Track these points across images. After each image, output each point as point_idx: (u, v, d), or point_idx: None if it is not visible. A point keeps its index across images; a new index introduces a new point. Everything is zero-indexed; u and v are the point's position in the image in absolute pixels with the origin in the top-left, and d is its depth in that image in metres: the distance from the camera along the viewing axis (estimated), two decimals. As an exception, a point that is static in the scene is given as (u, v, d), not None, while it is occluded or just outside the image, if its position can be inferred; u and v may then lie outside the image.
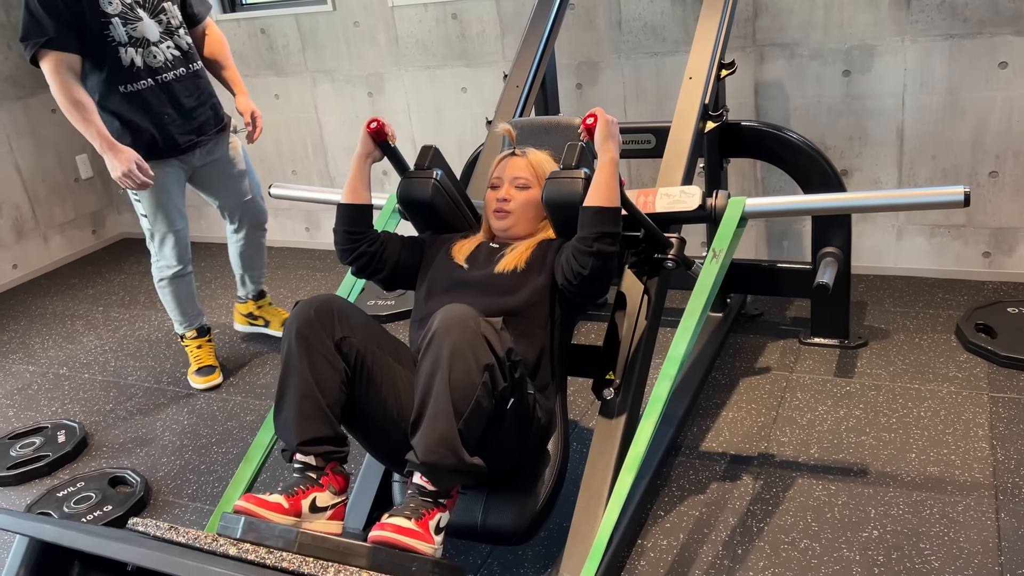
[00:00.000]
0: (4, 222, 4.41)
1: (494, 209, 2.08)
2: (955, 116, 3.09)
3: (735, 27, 3.26)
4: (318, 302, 1.83)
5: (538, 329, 1.94)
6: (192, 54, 2.91)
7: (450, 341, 1.65)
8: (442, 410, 1.63)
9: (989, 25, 2.95)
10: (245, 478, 2.07)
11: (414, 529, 1.60)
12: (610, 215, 1.85)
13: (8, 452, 2.82)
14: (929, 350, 2.84)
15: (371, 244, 2.09)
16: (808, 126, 3.29)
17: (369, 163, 2.10)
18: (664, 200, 2.16)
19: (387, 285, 2.15)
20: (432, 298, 2.03)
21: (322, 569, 1.37)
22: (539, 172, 2.07)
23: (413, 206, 2.18)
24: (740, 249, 3.54)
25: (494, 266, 2.00)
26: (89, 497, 2.53)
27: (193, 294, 3.17)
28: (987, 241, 3.22)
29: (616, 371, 2.07)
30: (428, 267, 2.10)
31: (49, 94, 2.75)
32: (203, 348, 3.24)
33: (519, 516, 1.87)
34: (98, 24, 2.67)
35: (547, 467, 1.94)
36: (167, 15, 2.81)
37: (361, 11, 3.88)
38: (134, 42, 2.74)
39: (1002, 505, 2.12)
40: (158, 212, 2.94)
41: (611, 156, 1.86)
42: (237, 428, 2.88)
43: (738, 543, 2.10)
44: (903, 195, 2.22)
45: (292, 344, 1.79)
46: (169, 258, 3.03)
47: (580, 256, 1.86)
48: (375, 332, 1.88)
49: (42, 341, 3.75)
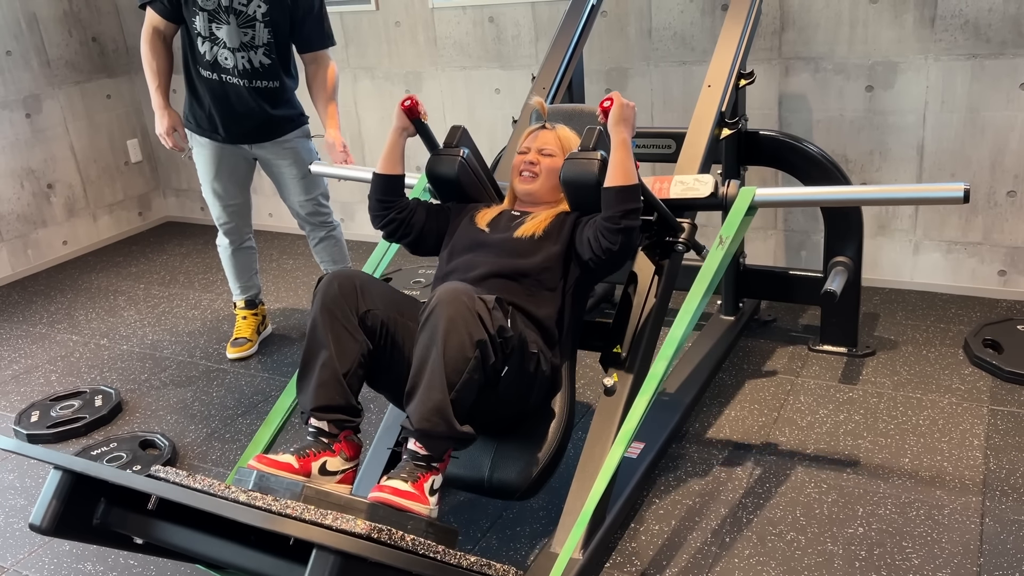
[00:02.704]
0: (57, 200, 4.63)
1: (520, 171, 2.22)
2: (975, 135, 3.14)
3: (762, 39, 3.34)
4: (342, 277, 1.96)
5: (548, 292, 2.07)
6: (263, 73, 3.00)
7: (446, 317, 1.76)
8: (436, 381, 1.75)
9: (1011, 46, 2.99)
10: (263, 441, 2.21)
11: (410, 491, 1.72)
12: (631, 193, 1.98)
13: (49, 412, 3.01)
14: (935, 362, 2.89)
15: (400, 211, 2.26)
16: (830, 139, 3.36)
17: (403, 137, 2.27)
18: (678, 187, 2.29)
19: (414, 249, 2.32)
20: (454, 258, 2.17)
21: (321, 516, 1.49)
22: (566, 146, 2.21)
23: (440, 181, 2.33)
24: (757, 256, 3.62)
25: (513, 231, 2.13)
26: (120, 456, 2.70)
27: (245, 267, 3.38)
28: (1003, 259, 3.26)
29: (624, 345, 2.19)
30: (452, 232, 2.25)
31: (104, 80, 2.98)
32: (246, 320, 3.44)
33: (524, 472, 1.99)
34: (190, 12, 2.93)
35: (552, 426, 2.05)
36: (254, 32, 2.95)
37: (402, 11, 4.03)
38: (212, 39, 2.94)
39: (988, 511, 2.17)
40: (206, 183, 3.21)
41: (622, 138, 1.98)
42: (262, 402, 3.03)
43: (727, 532, 2.18)
44: (905, 190, 2.28)
45: (317, 316, 1.92)
46: (219, 228, 3.31)
47: (609, 234, 1.98)
48: (396, 300, 2.01)
49: (86, 313, 3.94)
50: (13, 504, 2.56)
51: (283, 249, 4.58)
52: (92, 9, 4.71)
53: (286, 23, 2.98)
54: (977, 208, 3.23)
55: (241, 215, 3.28)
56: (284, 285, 4.08)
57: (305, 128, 3.21)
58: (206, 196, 3.25)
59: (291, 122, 3.15)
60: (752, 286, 3.21)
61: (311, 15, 3.02)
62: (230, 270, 3.39)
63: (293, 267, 4.31)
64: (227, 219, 3.26)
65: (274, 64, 3.02)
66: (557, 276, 2.08)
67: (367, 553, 1.40)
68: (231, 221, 3.27)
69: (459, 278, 2.09)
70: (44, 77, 4.50)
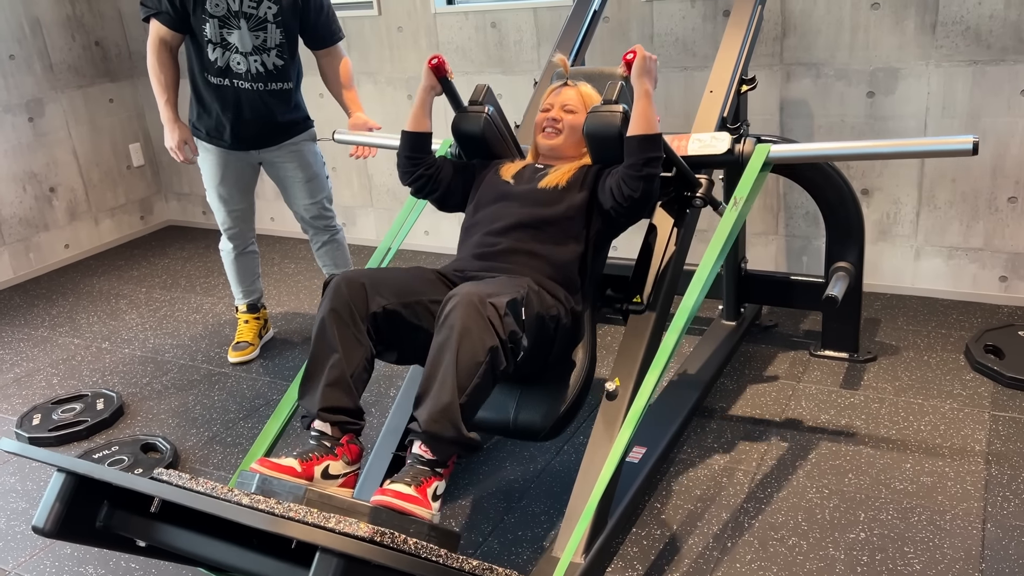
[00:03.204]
0: (59, 204, 4.64)
1: (543, 127, 2.29)
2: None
3: (763, 45, 3.35)
4: (349, 279, 1.96)
5: (571, 240, 2.15)
6: (277, 75, 3.02)
7: (460, 323, 1.78)
8: (447, 384, 1.76)
9: (1012, 52, 3.00)
10: (264, 444, 2.21)
11: (413, 495, 1.72)
12: (653, 141, 2.04)
13: (51, 416, 3.01)
14: (936, 368, 2.89)
15: (428, 168, 2.33)
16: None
17: (431, 96, 2.33)
18: (695, 144, 2.36)
19: (441, 204, 2.39)
20: (480, 209, 2.26)
21: (324, 519, 1.49)
22: (587, 103, 2.28)
23: (466, 138, 2.38)
24: (759, 261, 3.63)
25: (537, 182, 2.21)
26: (122, 460, 2.70)
27: (247, 272, 3.39)
28: (1004, 265, 3.26)
29: (644, 295, 2.26)
30: (478, 186, 2.32)
31: (107, 84, 2.97)
32: (248, 324, 3.45)
33: (548, 413, 2.07)
34: (199, 19, 2.92)
35: (574, 372, 2.13)
36: (266, 34, 2.96)
37: (405, 17, 4.04)
38: (224, 45, 2.95)
39: (989, 516, 2.18)
40: (212, 190, 3.21)
41: (645, 89, 2.04)
42: (264, 406, 3.03)
43: (728, 537, 2.18)
44: (916, 143, 2.34)
45: (326, 319, 1.93)
46: (223, 233, 3.31)
47: (631, 181, 2.05)
48: (406, 284, 2.01)
49: (88, 317, 3.95)
50: (15, 507, 2.56)
51: (285, 253, 4.59)
52: (95, 14, 4.72)
53: (296, 23, 3.01)
54: (978, 214, 3.24)
55: (245, 220, 3.28)
56: (286, 289, 4.08)
57: (312, 132, 3.23)
58: (211, 201, 3.25)
59: (298, 125, 3.16)
60: (753, 291, 3.21)
61: (322, 13, 3.06)
62: (233, 275, 3.39)
63: (295, 271, 4.31)
64: (231, 224, 3.26)
65: (287, 65, 3.04)
66: (580, 225, 2.16)
67: (370, 556, 1.41)
68: (235, 226, 3.27)
69: (485, 229, 2.19)
70: (47, 81, 4.51)
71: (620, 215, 2.13)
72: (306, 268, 4.33)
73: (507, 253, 2.14)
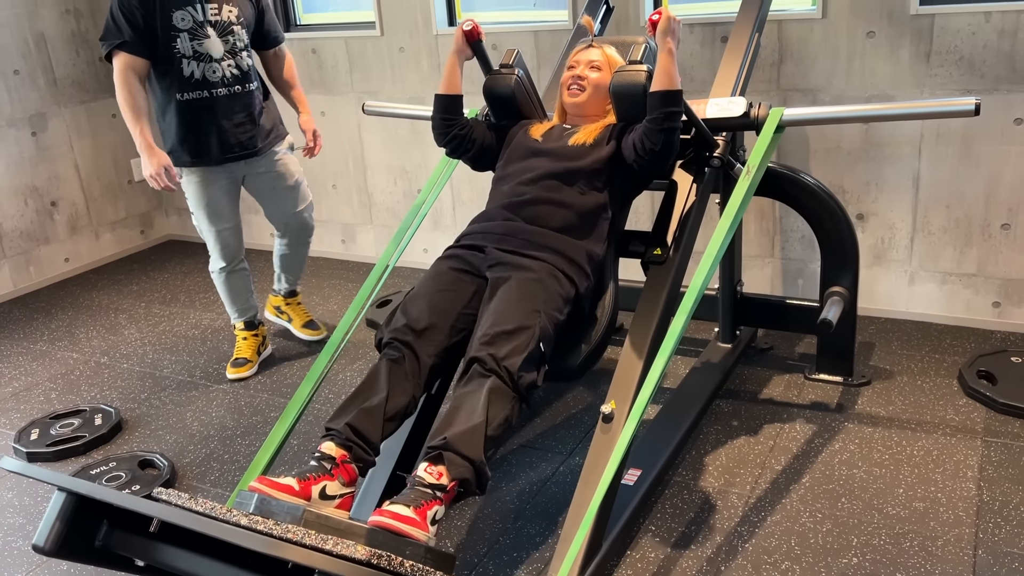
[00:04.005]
0: (60, 217, 4.67)
1: (569, 85, 2.43)
2: (970, 167, 3.19)
3: (761, 71, 3.39)
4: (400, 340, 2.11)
5: (595, 191, 2.31)
6: (250, 75, 3.14)
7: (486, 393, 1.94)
8: (476, 415, 1.89)
9: (1005, 82, 3.05)
10: (262, 463, 2.22)
11: (412, 517, 1.74)
12: (674, 97, 2.19)
13: (48, 431, 3.02)
14: (930, 392, 2.92)
15: (462, 128, 2.49)
16: (827, 169, 3.40)
17: (462, 59, 2.48)
18: (713, 108, 2.51)
19: (474, 163, 2.56)
20: (511, 164, 2.42)
21: (322, 541, 1.51)
22: (611, 62, 2.44)
23: (497, 99, 2.53)
24: (755, 284, 3.65)
25: (567, 140, 2.37)
26: (119, 476, 2.71)
27: (242, 289, 3.40)
28: (997, 291, 3.29)
29: (664, 248, 2.40)
30: (508, 143, 2.49)
31: (110, 99, 3.01)
32: (247, 341, 3.46)
33: (574, 354, 2.27)
34: (168, 36, 2.94)
35: (599, 316, 2.34)
36: (234, 37, 3.06)
37: (407, 38, 4.08)
38: (198, 56, 2.99)
39: (981, 543, 2.19)
40: (200, 212, 3.20)
41: (668, 47, 2.16)
42: (262, 423, 3.05)
43: (722, 560, 2.20)
44: (920, 105, 2.53)
45: (383, 368, 2.08)
46: (215, 255, 3.31)
47: (652, 134, 2.21)
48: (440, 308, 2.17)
49: (87, 331, 3.96)
50: (12, 523, 2.57)
51: (284, 269, 4.61)
52: (99, 30, 4.75)
53: (254, 22, 3.16)
54: (972, 240, 3.27)
55: (236, 237, 3.31)
56: (284, 306, 4.10)
57: (289, 138, 3.34)
58: (199, 224, 3.25)
59: (275, 131, 3.26)
60: (749, 314, 3.24)
61: (268, 11, 3.22)
62: (227, 294, 3.40)
63: (293, 288, 4.33)
64: (223, 243, 3.27)
65: (253, 64, 3.18)
66: (605, 177, 2.31)
67: (367, 579, 1.42)
68: (227, 245, 3.28)
69: (516, 180, 2.35)
70: (51, 96, 4.55)
71: (642, 168, 2.28)
72: (306, 284, 4.35)
73: (535, 203, 2.29)
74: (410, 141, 4.26)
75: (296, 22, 4.46)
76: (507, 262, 2.21)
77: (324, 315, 3.95)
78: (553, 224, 2.26)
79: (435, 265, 2.31)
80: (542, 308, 2.08)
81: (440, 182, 2.79)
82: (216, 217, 3.21)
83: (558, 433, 2.84)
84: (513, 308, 2.05)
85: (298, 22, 4.46)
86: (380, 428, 1.99)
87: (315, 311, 3.98)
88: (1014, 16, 2.98)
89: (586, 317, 2.31)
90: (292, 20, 4.45)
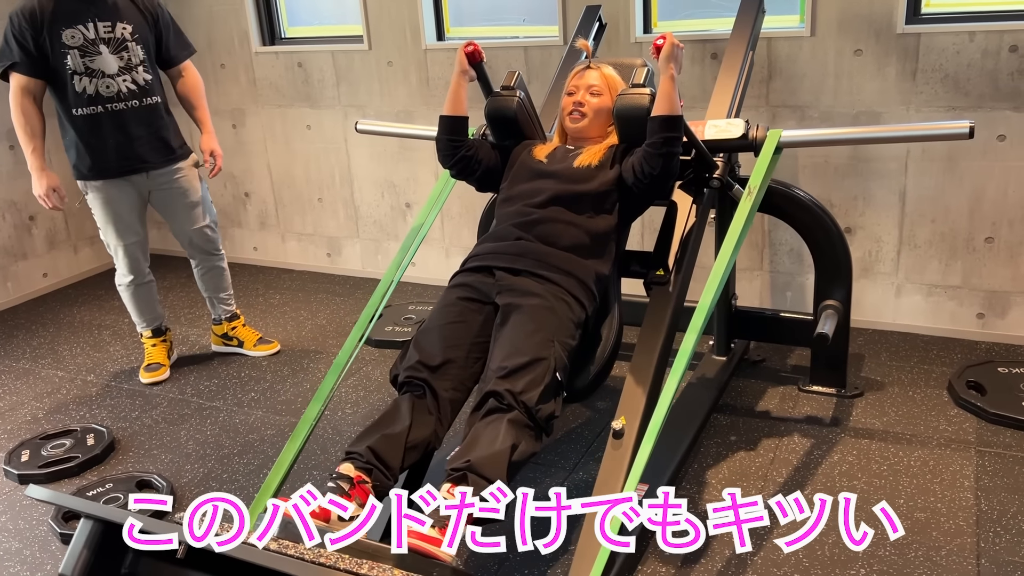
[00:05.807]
0: (38, 232, 4.58)
1: (570, 112, 2.44)
2: (954, 183, 3.27)
3: (751, 88, 3.44)
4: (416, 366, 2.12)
5: (605, 212, 2.33)
6: (149, 90, 3.18)
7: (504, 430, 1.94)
8: (499, 440, 1.91)
9: (989, 100, 3.13)
10: (273, 485, 2.20)
11: (436, 537, 1.74)
12: (674, 122, 2.20)
13: (39, 451, 2.96)
14: (922, 403, 2.98)
15: (468, 150, 2.47)
16: (815, 184, 3.46)
17: (466, 80, 2.45)
18: (712, 130, 2.52)
19: (480, 185, 2.55)
20: (516, 185, 2.42)
21: (357, 565, 1.50)
22: (611, 84, 2.44)
23: (499, 120, 2.54)
24: (744, 296, 3.70)
25: (572, 161, 2.37)
26: (117, 498, 2.66)
27: (148, 300, 3.47)
28: (981, 303, 3.37)
29: (666, 268, 2.43)
30: (512, 164, 2.49)
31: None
32: (156, 347, 3.54)
33: (583, 374, 2.29)
34: (58, 55, 3.00)
35: (604, 334, 2.35)
36: (129, 53, 3.11)
37: (395, 52, 4.08)
38: (90, 72, 3.04)
39: (983, 552, 2.24)
40: (106, 226, 3.27)
41: (671, 73, 2.19)
42: (258, 441, 3.01)
43: (732, 573, 2.22)
44: (917, 128, 2.62)
45: (404, 403, 2.09)
46: (120, 268, 3.37)
47: (651, 158, 2.22)
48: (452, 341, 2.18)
49: (70, 348, 3.89)
50: (7, 547, 2.51)
51: (269, 284, 4.57)
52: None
53: (152, 40, 3.18)
54: (956, 253, 3.35)
55: (143, 249, 3.37)
56: (272, 320, 4.07)
57: (193, 156, 3.38)
58: (107, 238, 3.31)
59: (180, 147, 3.30)
60: (743, 327, 3.28)
61: (169, 29, 3.24)
62: (134, 306, 3.45)
63: (280, 302, 4.30)
64: (130, 257, 3.33)
65: (155, 79, 3.20)
66: (613, 198, 2.34)
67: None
68: (134, 258, 3.34)
69: (523, 203, 2.35)
70: (29, 109, 4.46)
71: (641, 191, 2.30)
72: (291, 299, 4.32)
73: (545, 222, 2.30)
74: (398, 155, 4.26)
75: (281, 35, 4.44)
76: (516, 288, 2.21)
77: (312, 329, 3.92)
78: (564, 243, 2.27)
79: (443, 296, 2.30)
80: (555, 337, 2.09)
81: (439, 202, 2.79)
82: (123, 232, 3.26)
83: (560, 448, 2.86)
84: (527, 339, 2.06)
85: (283, 35, 4.44)
86: (401, 454, 2.00)
87: (303, 326, 3.95)
88: (997, 36, 3.06)
89: (592, 337, 2.32)
90: (277, 33, 4.43)
